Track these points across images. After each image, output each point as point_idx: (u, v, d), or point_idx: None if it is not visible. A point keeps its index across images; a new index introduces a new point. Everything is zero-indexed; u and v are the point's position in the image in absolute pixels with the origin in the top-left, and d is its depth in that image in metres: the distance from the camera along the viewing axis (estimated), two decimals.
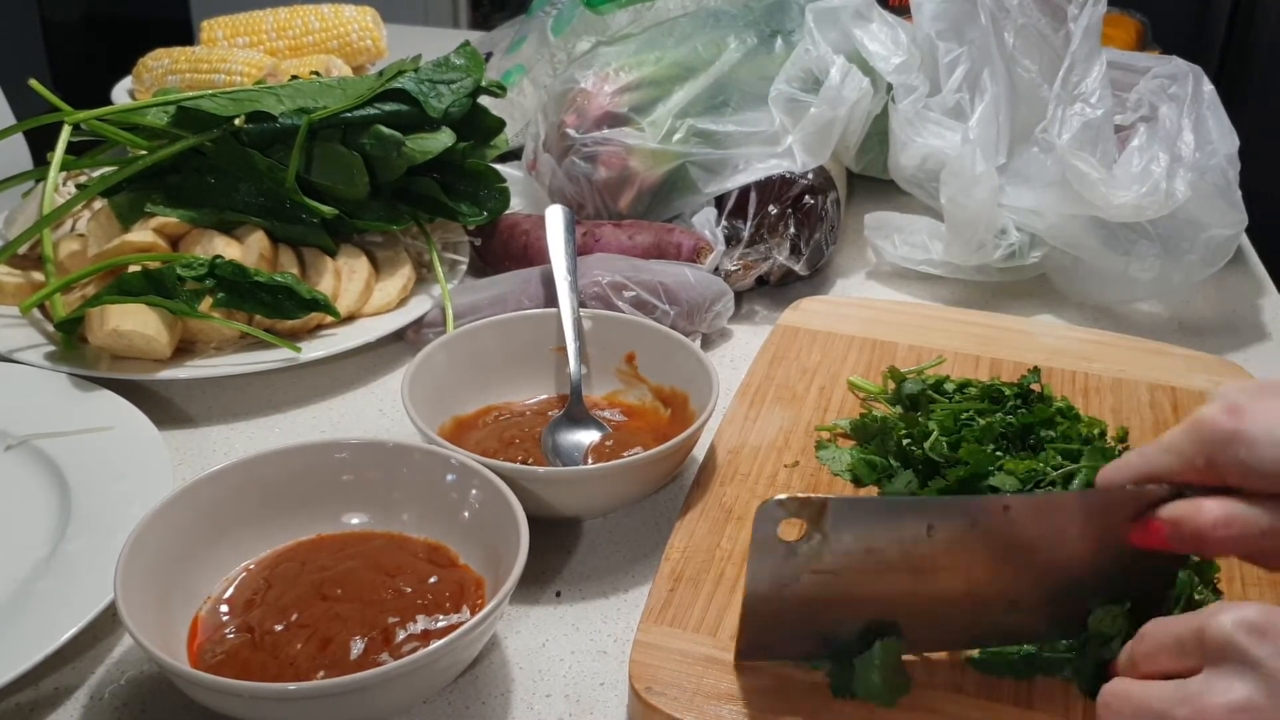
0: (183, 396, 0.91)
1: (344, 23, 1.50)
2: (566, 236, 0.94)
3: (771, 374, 0.89)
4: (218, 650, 0.61)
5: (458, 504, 0.69)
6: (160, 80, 1.38)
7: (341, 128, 0.98)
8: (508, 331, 0.86)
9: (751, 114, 1.08)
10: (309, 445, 0.71)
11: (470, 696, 0.64)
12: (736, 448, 0.80)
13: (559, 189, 1.10)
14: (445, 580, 0.65)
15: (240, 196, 0.97)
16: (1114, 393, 0.87)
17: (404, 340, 0.98)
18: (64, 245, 0.97)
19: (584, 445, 0.79)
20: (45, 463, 0.78)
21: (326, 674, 0.59)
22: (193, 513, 0.66)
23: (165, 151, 0.96)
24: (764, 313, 1.05)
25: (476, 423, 0.82)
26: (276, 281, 0.90)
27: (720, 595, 0.66)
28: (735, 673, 0.61)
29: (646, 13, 1.26)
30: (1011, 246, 1.04)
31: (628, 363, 0.86)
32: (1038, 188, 1.04)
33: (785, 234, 1.03)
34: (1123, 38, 1.94)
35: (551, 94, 1.13)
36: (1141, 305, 1.06)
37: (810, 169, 1.06)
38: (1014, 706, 0.60)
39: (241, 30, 1.47)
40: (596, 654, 0.67)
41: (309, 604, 0.63)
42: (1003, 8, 1.09)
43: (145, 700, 0.63)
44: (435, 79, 1.03)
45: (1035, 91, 1.09)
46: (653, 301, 0.94)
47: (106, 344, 0.88)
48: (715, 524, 0.72)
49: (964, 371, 0.89)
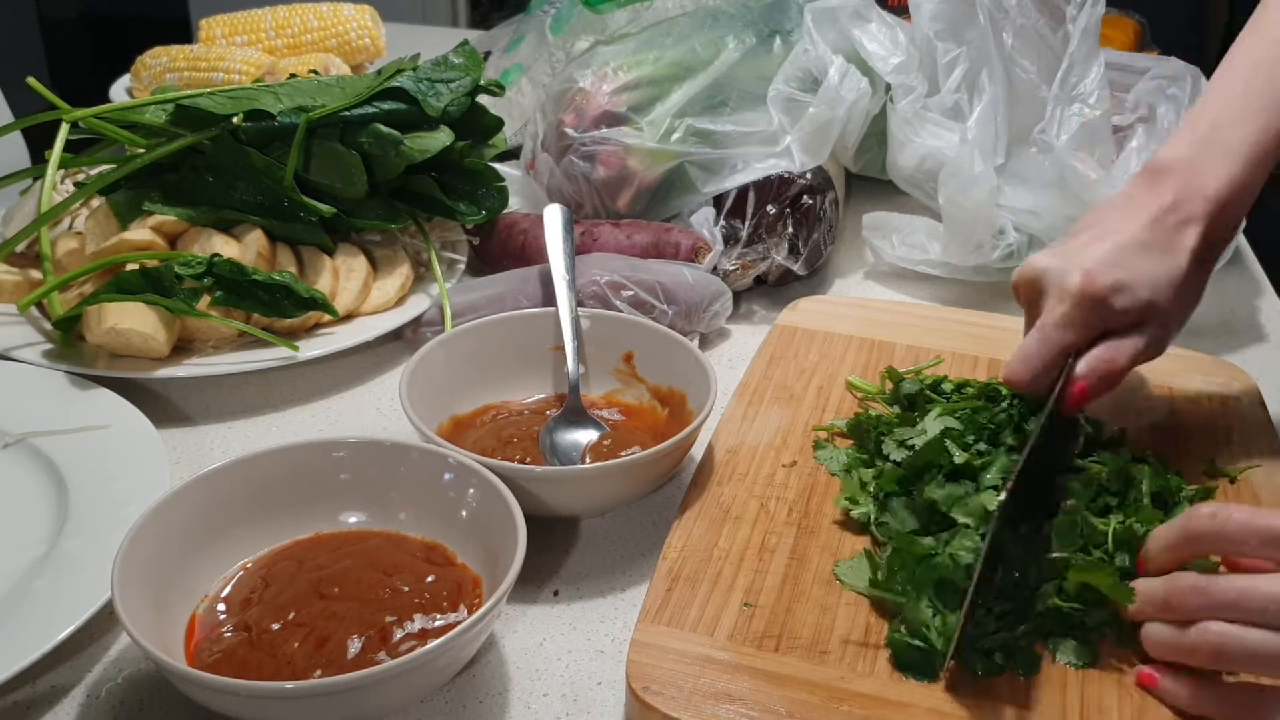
0: (180, 395, 0.91)
1: (342, 21, 1.50)
2: (565, 236, 0.94)
3: (769, 374, 0.89)
4: (215, 649, 0.61)
5: (455, 503, 0.69)
6: (158, 78, 1.38)
7: (340, 126, 0.98)
8: (506, 331, 0.86)
9: (750, 114, 1.08)
10: (307, 444, 0.71)
11: (468, 695, 0.64)
12: (734, 447, 0.80)
13: (557, 188, 1.10)
14: (443, 579, 0.65)
15: (238, 195, 0.97)
16: (1111, 394, 0.87)
17: (402, 339, 0.98)
18: (62, 243, 0.97)
19: (582, 445, 0.79)
20: (43, 461, 0.78)
21: (324, 673, 0.59)
22: (190, 511, 0.66)
23: (163, 150, 0.96)
24: (762, 312, 1.05)
25: (474, 422, 0.82)
26: (274, 280, 0.90)
27: (718, 595, 0.66)
28: (732, 672, 0.61)
29: (645, 12, 1.26)
30: (1010, 247, 1.04)
31: (626, 362, 0.86)
32: (1036, 188, 1.04)
33: (783, 234, 1.03)
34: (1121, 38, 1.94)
35: (550, 93, 1.13)
36: None
37: (808, 169, 1.06)
38: (1013, 706, 0.60)
39: (240, 29, 1.47)
40: (594, 653, 0.67)
41: (306, 603, 0.63)
42: (1001, 8, 1.09)
43: (143, 699, 0.63)
44: (434, 78, 1.03)
45: (1033, 92, 1.09)
46: (651, 301, 0.94)
47: (104, 342, 0.87)
48: (713, 523, 0.72)
49: (962, 371, 0.89)
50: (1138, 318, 0.72)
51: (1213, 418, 0.84)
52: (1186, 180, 0.73)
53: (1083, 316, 0.71)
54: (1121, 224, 0.73)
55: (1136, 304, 0.71)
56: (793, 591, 0.67)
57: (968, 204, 1.02)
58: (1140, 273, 0.71)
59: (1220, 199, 0.73)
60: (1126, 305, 0.71)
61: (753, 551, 0.70)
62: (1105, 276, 0.71)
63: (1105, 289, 0.70)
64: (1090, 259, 0.72)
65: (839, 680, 0.61)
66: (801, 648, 0.63)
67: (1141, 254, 0.72)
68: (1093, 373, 0.71)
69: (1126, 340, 0.72)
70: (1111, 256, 0.72)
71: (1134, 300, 0.71)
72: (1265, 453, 0.80)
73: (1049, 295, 0.73)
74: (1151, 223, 0.73)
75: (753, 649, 0.63)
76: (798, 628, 0.64)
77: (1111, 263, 0.71)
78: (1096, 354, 0.72)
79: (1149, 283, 0.71)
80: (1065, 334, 0.72)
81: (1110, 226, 0.74)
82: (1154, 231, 0.72)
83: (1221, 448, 0.81)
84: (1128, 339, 0.72)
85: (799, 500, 0.75)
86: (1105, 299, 0.71)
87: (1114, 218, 0.74)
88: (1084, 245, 0.73)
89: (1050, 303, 0.73)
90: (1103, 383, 0.72)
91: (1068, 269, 0.72)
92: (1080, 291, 0.71)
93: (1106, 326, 0.72)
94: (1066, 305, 0.71)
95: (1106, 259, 0.71)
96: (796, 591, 0.67)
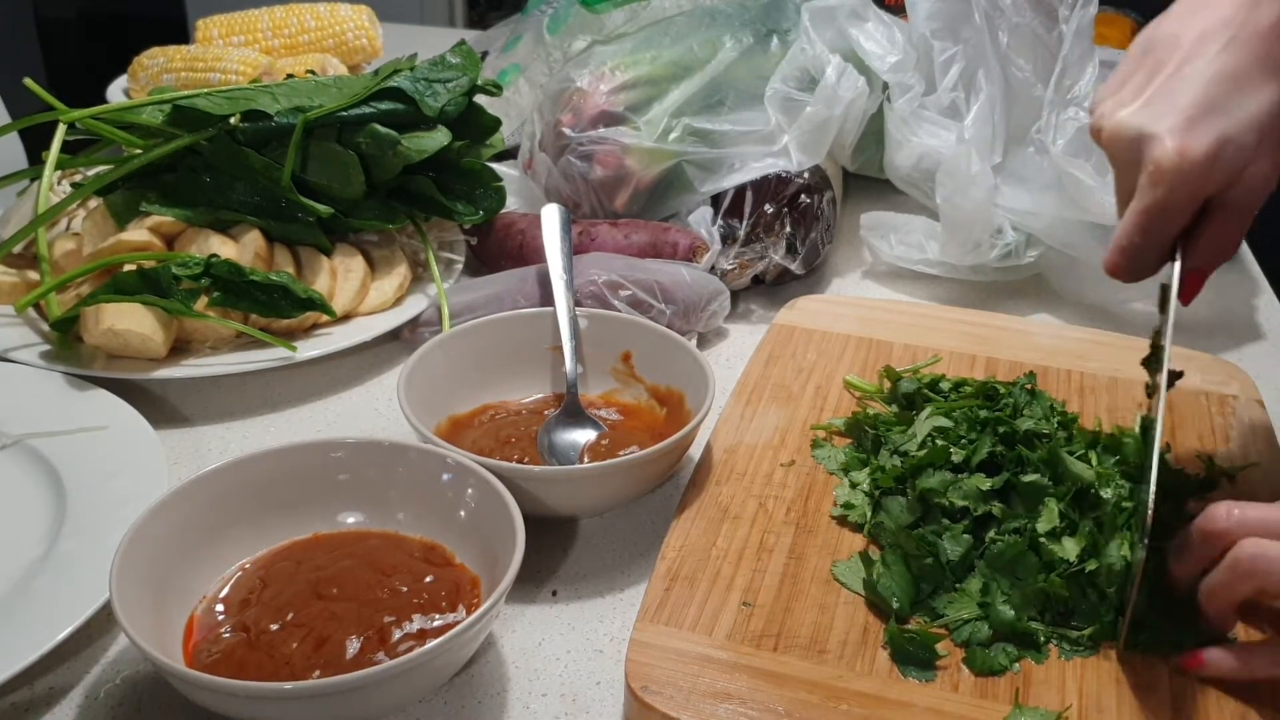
0: (178, 396, 0.91)
1: (340, 21, 1.50)
2: (562, 235, 0.94)
3: (767, 373, 0.89)
4: (213, 650, 0.61)
5: (454, 503, 0.69)
6: (155, 79, 1.38)
7: (337, 127, 0.98)
8: (504, 331, 0.86)
9: (747, 113, 1.08)
10: (305, 444, 0.71)
11: (466, 696, 0.64)
12: (732, 447, 0.80)
13: (555, 188, 1.10)
14: (441, 579, 0.65)
15: (236, 195, 0.97)
16: (1109, 392, 0.87)
17: (400, 339, 0.98)
18: (59, 244, 0.97)
19: (580, 444, 0.79)
20: (40, 462, 0.77)
21: (322, 673, 0.59)
22: (188, 512, 0.65)
23: (160, 150, 0.96)
24: (760, 312, 1.05)
25: (472, 422, 0.82)
26: (272, 281, 0.90)
27: (716, 594, 0.66)
28: (731, 671, 0.61)
29: (642, 12, 1.26)
30: (1007, 246, 1.05)
31: (624, 362, 0.86)
32: (1034, 190, 1.04)
33: (781, 233, 1.03)
34: (1117, 36, 1.94)
35: (547, 93, 1.13)
36: (1137, 304, 1.06)
37: (806, 168, 1.06)
38: (1011, 706, 0.60)
39: (237, 29, 1.47)
40: (593, 653, 0.67)
41: (305, 603, 0.63)
42: (996, 7, 1.09)
43: (141, 700, 0.63)
44: (431, 78, 1.03)
45: (1030, 91, 1.09)
46: (649, 300, 0.94)
47: (102, 343, 0.87)
48: (711, 523, 0.72)
49: (960, 371, 0.89)
50: (1245, 163, 0.63)
51: (1211, 416, 0.85)
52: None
53: (1186, 194, 0.63)
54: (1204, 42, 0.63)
55: (1242, 154, 0.62)
56: (791, 591, 0.67)
57: (965, 203, 1.03)
58: (1241, 117, 0.62)
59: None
60: (1231, 166, 0.62)
61: (751, 551, 0.70)
62: (1202, 140, 0.61)
63: (1203, 157, 0.61)
64: (1181, 114, 0.62)
65: (837, 679, 0.61)
66: (800, 647, 0.63)
67: (1237, 88, 0.62)
68: (1206, 263, 0.66)
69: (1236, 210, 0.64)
70: (1204, 102, 0.62)
71: (1238, 151, 0.62)
72: (1263, 451, 0.80)
73: (1145, 168, 0.64)
74: (1240, 34, 0.63)
75: (751, 648, 0.63)
76: (796, 627, 0.64)
77: (1207, 112, 0.62)
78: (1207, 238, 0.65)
79: (1252, 123, 0.62)
80: (1168, 221, 0.64)
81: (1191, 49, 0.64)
82: (1244, 49, 0.63)
83: (1220, 446, 0.81)
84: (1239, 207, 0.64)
85: (797, 499, 0.75)
86: (1207, 166, 0.62)
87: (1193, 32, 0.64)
88: (1168, 87, 0.63)
89: (1144, 181, 0.64)
90: (1213, 267, 0.67)
91: (1158, 133, 0.62)
92: (1177, 167, 0.62)
93: (1215, 189, 0.63)
94: (1163, 188, 0.63)
95: (1199, 108, 0.62)
96: (795, 591, 0.67)
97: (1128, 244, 0.65)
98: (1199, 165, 0.62)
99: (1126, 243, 0.65)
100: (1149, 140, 0.63)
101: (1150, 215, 0.64)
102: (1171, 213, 0.63)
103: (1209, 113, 0.62)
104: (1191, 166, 0.61)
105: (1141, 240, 0.65)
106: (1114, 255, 0.66)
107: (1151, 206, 0.63)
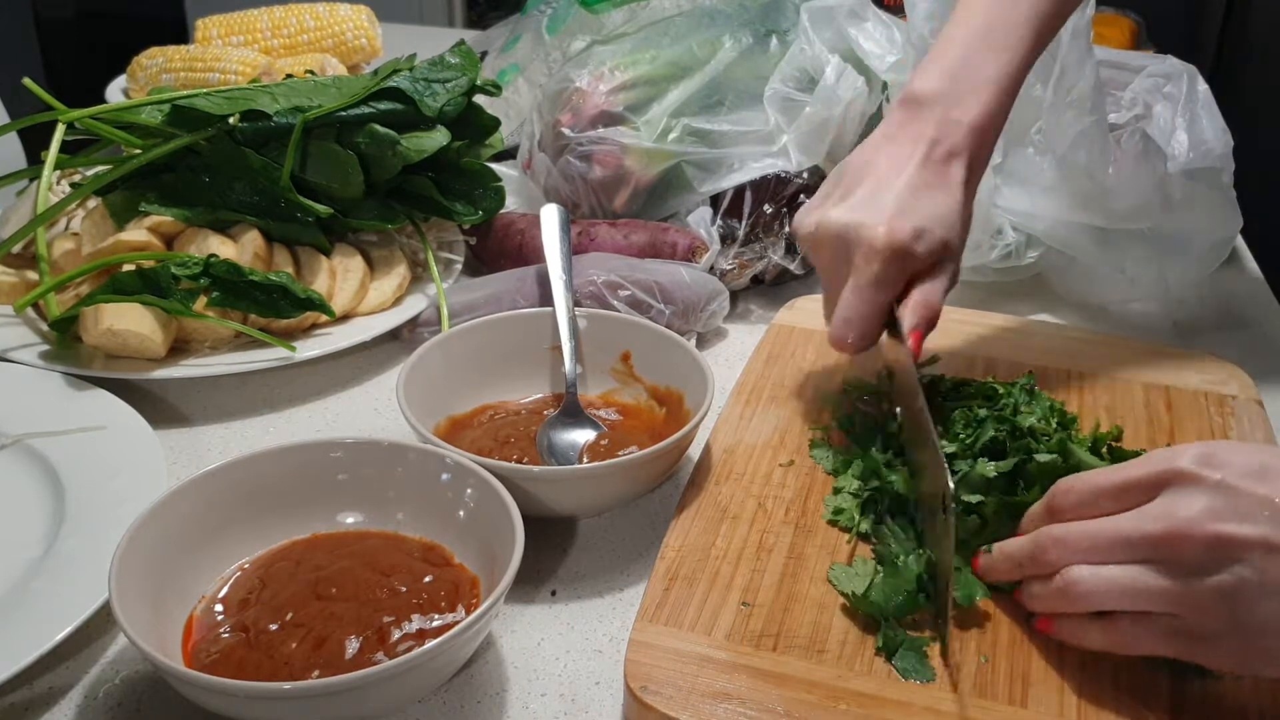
0: (177, 396, 0.91)
1: (339, 21, 1.50)
2: (562, 235, 0.94)
3: (767, 373, 0.89)
4: (213, 650, 0.61)
5: (453, 503, 0.69)
6: (155, 79, 1.37)
7: (336, 126, 0.98)
8: (503, 330, 0.86)
9: (746, 113, 1.08)
10: (304, 444, 0.71)
11: (465, 696, 0.64)
12: (731, 447, 0.80)
13: (554, 188, 1.10)
14: (440, 579, 0.65)
15: (235, 195, 0.97)
16: (1109, 392, 0.87)
17: (399, 339, 0.98)
18: (58, 244, 0.97)
19: (579, 444, 0.79)
20: (39, 462, 0.77)
21: (321, 673, 0.59)
22: (187, 512, 0.65)
23: (160, 150, 0.96)
24: (759, 312, 1.05)
25: (472, 422, 0.82)
26: (271, 280, 0.90)
27: (715, 594, 0.66)
28: (730, 671, 0.61)
29: (641, 12, 1.26)
30: (1008, 247, 1.05)
31: (623, 362, 0.86)
32: (1034, 191, 1.04)
33: (780, 233, 1.03)
34: (1117, 37, 1.95)
35: (546, 93, 1.13)
36: (1137, 305, 1.06)
37: (805, 168, 1.06)
38: (1009, 705, 0.60)
39: (236, 29, 1.47)
40: (592, 653, 0.67)
41: (304, 603, 0.63)
42: None
43: (140, 700, 0.63)
44: (430, 78, 1.03)
45: (1029, 90, 1.09)
46: (648, 300, 0.94)
47: (101, 343, 0.87)
48: (710, 523, 0.72)
49: (959, 371, 0.89)
50: (938, 256, 0.76)
51: (1210, 416, 0.85)
52: (944, 113, 0.77)
53: (896, 270, 0.74)
54: (895, 168, 0.76)
55: (936, 245, 0.75)
56: (790, 590, 0.67)
57: None
58: (931, 215, 0.75)
59: (978, 128, 0.77)
60: (929, 249, 0.74)
61: (750, 551, 0.70)
62: (906, 226, 0.73)
63: (909, 239, 0.73)
64: (887, 211, 0.74)
65: (837, 679, 0.61)
66: (799, 647, 0.63)
67: (926, 195, 0.75)
68: (922, 320, 0.75)
69: (934, 281, 0.76)
70: (903, 204, 0.74)
71: (934, 242, 0.74)
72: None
73: (856, 253, 0.74)
74: (923, 162, 0.76)
75: (750, 648, 0.63)
76: (795, 627, 0.64)
77: (905, 211, 0.74)
78: (917, 301, 0.75)
79: (941, 222, 0.75)
80: (883, 291, 0.75)
81: (885, 172, 0.76)
82: (927, 171, 0.76)
83: None
84: (935, 280, 0.76)
85: (796, 499, 0.75)
86: (911, 248, 0.74)
87: (884, 162, 0.77)
88: (870, 196, 0.76)
89: (859, 262, 0.74)
90: (929, 326, 0.76)
91: (868, 223, 0.74)
92: (888, 246, 0.73)
93: (913, 272, 0.75)
94: (878, 263, 0.74)
95: (900, 208, 0.74)
96: (794, 590, 0.67)
97: (852, 314, 0.75)
98: (905, 244, 0.73)
99: (851, 314, 0.76)
100: (860, 228, 0.74)
101: (868, 287, 0.75)
102: (884, 283, 0.74)
103: (905, 211, 0.74)
104: (900, 244, 0.73)
105: (863, 309, 0.75)
106: (839, 328, 0.76)
107: (869, 279, 0.74)
